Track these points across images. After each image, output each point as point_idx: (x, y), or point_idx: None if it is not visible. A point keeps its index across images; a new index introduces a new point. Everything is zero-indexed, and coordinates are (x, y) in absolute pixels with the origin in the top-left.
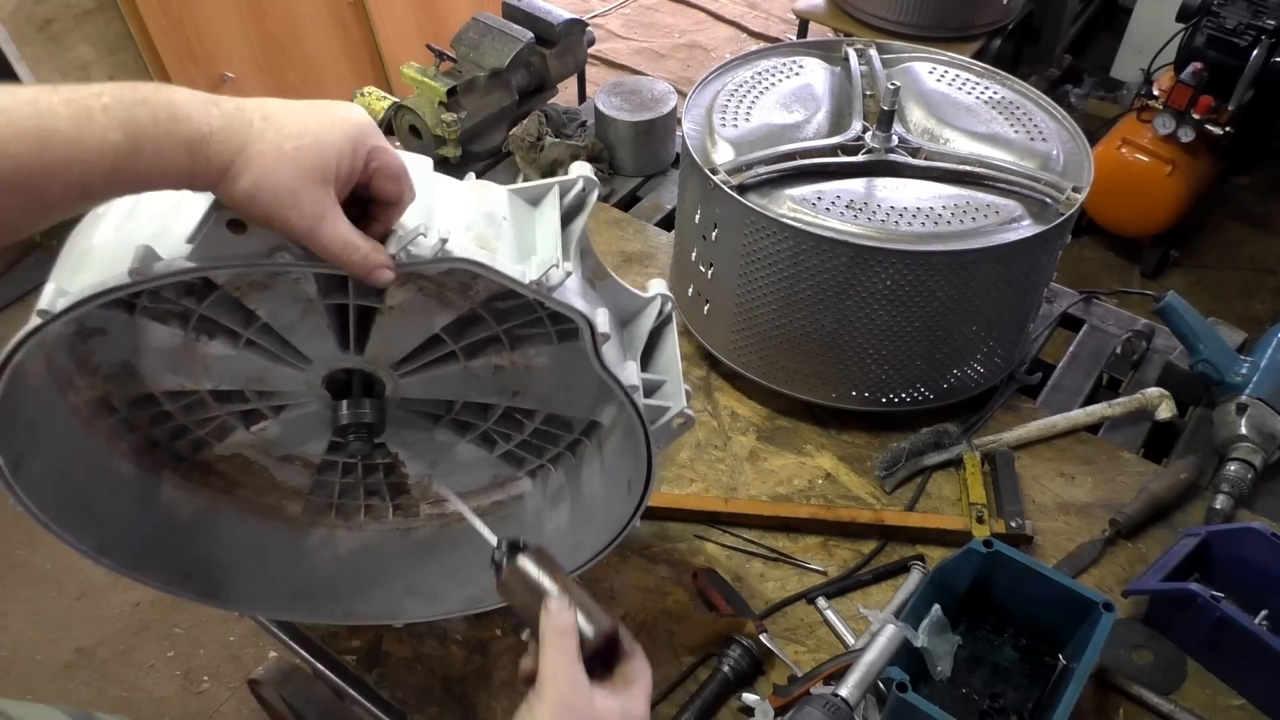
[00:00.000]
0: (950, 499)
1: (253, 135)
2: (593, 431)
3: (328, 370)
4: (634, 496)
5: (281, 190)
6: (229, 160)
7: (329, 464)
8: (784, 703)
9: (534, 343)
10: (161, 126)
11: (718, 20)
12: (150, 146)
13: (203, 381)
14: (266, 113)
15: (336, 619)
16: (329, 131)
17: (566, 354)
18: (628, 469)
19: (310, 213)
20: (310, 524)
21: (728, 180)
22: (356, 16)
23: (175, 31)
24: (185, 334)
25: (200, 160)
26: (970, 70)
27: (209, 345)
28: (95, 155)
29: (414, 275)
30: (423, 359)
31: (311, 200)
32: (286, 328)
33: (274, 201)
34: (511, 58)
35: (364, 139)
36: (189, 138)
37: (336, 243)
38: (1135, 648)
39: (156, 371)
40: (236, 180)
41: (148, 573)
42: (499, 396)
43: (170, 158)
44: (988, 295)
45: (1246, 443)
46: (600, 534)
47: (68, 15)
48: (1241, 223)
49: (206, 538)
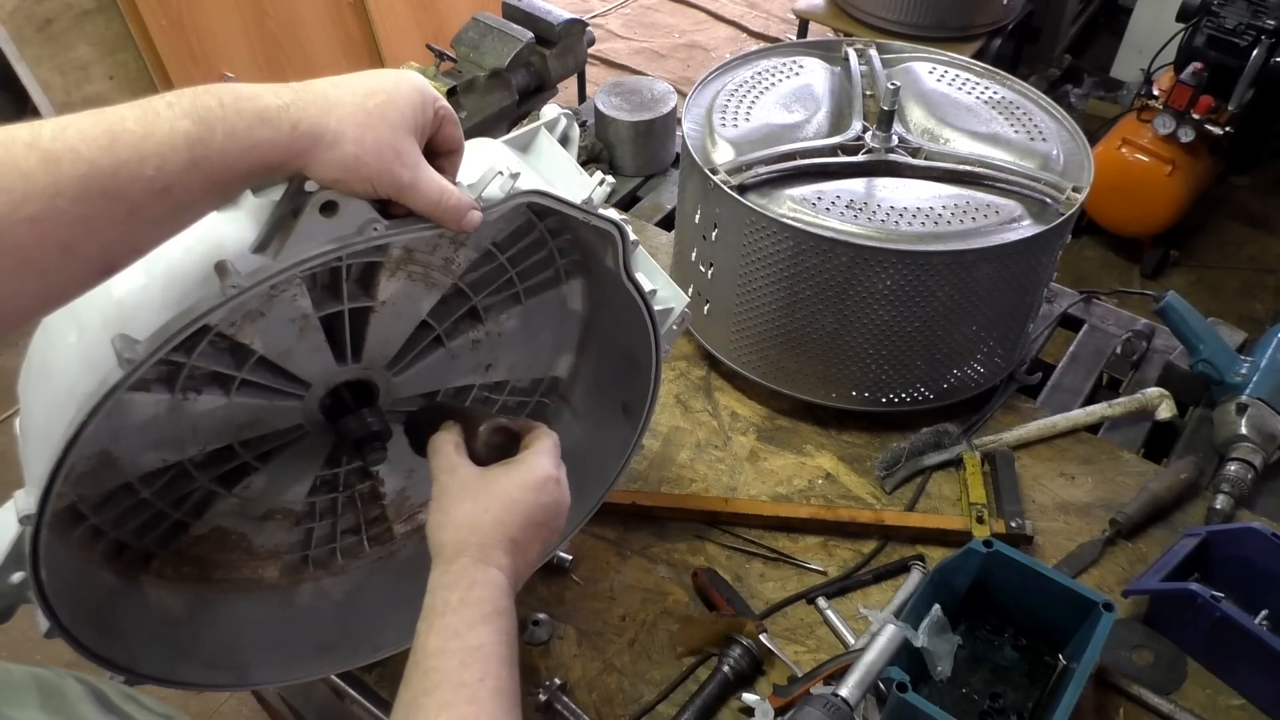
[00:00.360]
0: (950, 499)
1: (331, 101)
2: (553, 389)
3: (326, 390)
4: (634, 418)
5: (384, 144)
6: (318, 128)
7: (309, 511)
8: (784, 703)
9: (503, 307)
10: (229, 108)
11: (718, 20)
12: (222, 129)
13: (187, 448)
14: (332, 82)
15: (369, 658)
16: (397, 87)
17: (532, 310)
18: (618, 395)
19: (411, 162)
20: (293, 584)
21: (728, 180)
22: (356, 16)
23: (175, 31)
24: (172, 396)
25: (284, 131)
26: (970, 70)
27: (197, 402)
28: (169, 147)
29: (404, 261)
30: (412, 350)
31: (410, 150)
32: (283, 354)
33: (379, 157)
34: (511, 58)
35: (427, 90)
36: (261, 112)
37: (434, 190)
38: (1135, 648)
39: (136, 452)
40: (336, 145)
41: (182, 675)
42: (475, 374)
43: (247, 136)
44: (988, 295)
45: (1246, 443)
46: (601, 469)
47: (68, 15)
48: (1241, 223)
49: (209, 626)
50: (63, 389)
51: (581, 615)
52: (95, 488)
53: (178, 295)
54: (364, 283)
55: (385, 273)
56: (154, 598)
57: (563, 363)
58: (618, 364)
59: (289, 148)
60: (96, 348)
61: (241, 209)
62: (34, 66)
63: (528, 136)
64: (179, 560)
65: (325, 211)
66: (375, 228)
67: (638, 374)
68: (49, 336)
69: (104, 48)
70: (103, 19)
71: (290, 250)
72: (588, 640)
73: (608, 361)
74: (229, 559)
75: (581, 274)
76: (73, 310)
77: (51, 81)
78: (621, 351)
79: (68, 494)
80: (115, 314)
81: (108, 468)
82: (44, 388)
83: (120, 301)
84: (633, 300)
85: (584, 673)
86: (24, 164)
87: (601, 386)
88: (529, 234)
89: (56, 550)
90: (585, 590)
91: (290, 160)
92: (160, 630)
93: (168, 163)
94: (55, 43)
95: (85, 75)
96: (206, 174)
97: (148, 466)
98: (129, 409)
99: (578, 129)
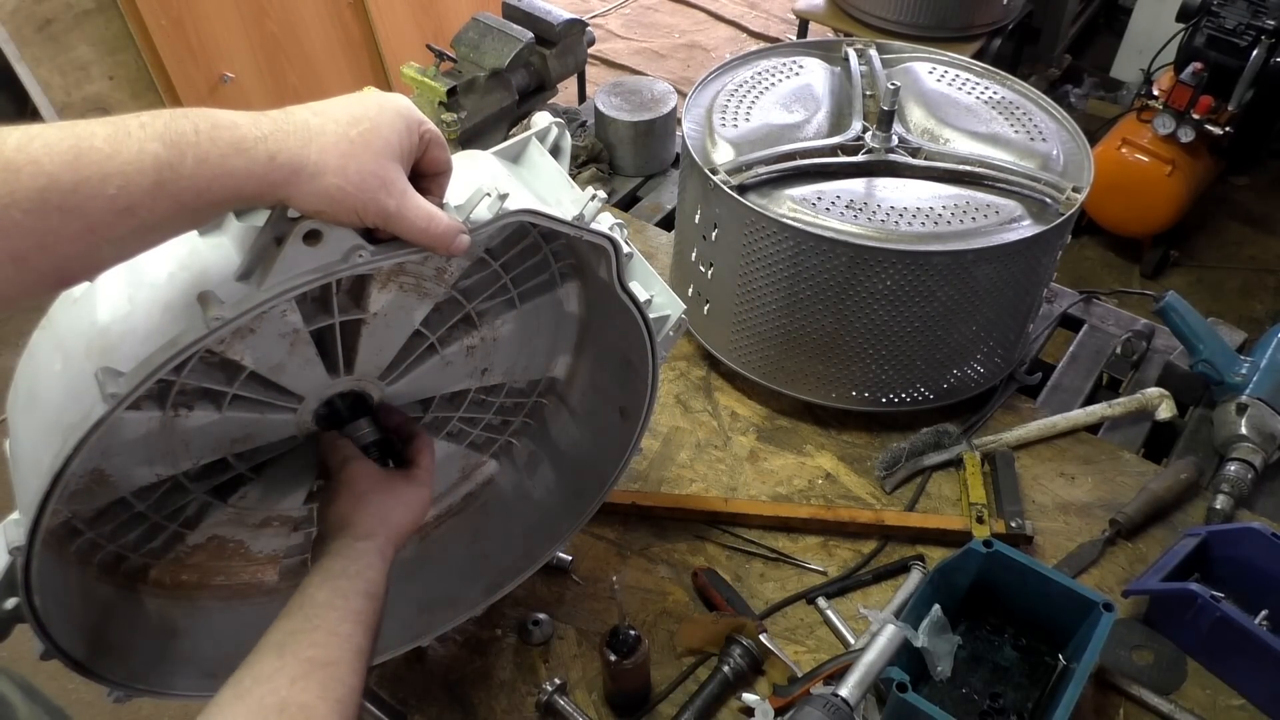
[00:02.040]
0: (950, 499)
1: (313, 131)
2: (550, 389)
3: (319, 402)
4: (632, 422)
5: (368, 173)
6: (298, 160)
7: (307, 516)
8: (784, 703)
9: (498, 312)
10: (204, 135)
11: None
12: (193, 155)
13: (181, 463)
14: (314, 110)
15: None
16: (381, 113)
17: (527, 315)
18: (615, 399)
19: (397, 191)
20: (293, 587)
21: (728, 180)
22: (356, 16)
23: (175, 31)
24: (163, 413)
25: (260, 162)
26: (970, 70)
27: (189, 418)
28: (135, 168)
29: (396, 273)
30: (406, 359)
31: (396, 178)
32: (275, 369)
33: (363, 187)
34: (511, 58)
35: (412, 114)
36: (237, 142)
37: (422, 217)
38: (1135, 648)
39: (129, 468)
40: (318, 176)
41: (180, 687)
42: (470, 379)
43: (219, 165)
44: (988, 295)
45: (1246, 443)
46: (600, 470)
47: (68, 15)
48: (1241, 223)
49: (207, 635)
50: (49, 418)
51: (581, 615)
52: (89, 504)
53: (161, 323)
54: (355, 295)
55: (376, 285)
56: (152, 608)
57: (560, 363)
58: (614, 369)
59: (265, 178)
60: (81, 377)
61: (226, 234)
62: (34, 66)
63: (518, 147)
64: (177, 569)
65: (309, 240)
66: (361, 254)
67: (634, 379)
68: (34, 361)
69: (104, 48)
70: (103, 19)
71: (275, 279)
72: (588, 640)
73: (604, 366)
74: (228, 565)
75: (578, 277)
76: (57, 337)
77: (51, 81)
78: (618, 357)
79: (62, 510)
80: (99, 343)
81: (101, 485)
82: (30, 415)
83: (104, 330)
84: (628, 308)
85: (584, 673)
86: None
87: (598, 389)
88: (523, 240)
89: (53, 567)
90: (585, 590)
91: (268, 190)
92: (158, 642)
93: (132, 183)
94: (55, 43)
95: (85, 75)
96: (174, 198)
97: (141, 481)
98: (120, 427)
99: (569, 139)
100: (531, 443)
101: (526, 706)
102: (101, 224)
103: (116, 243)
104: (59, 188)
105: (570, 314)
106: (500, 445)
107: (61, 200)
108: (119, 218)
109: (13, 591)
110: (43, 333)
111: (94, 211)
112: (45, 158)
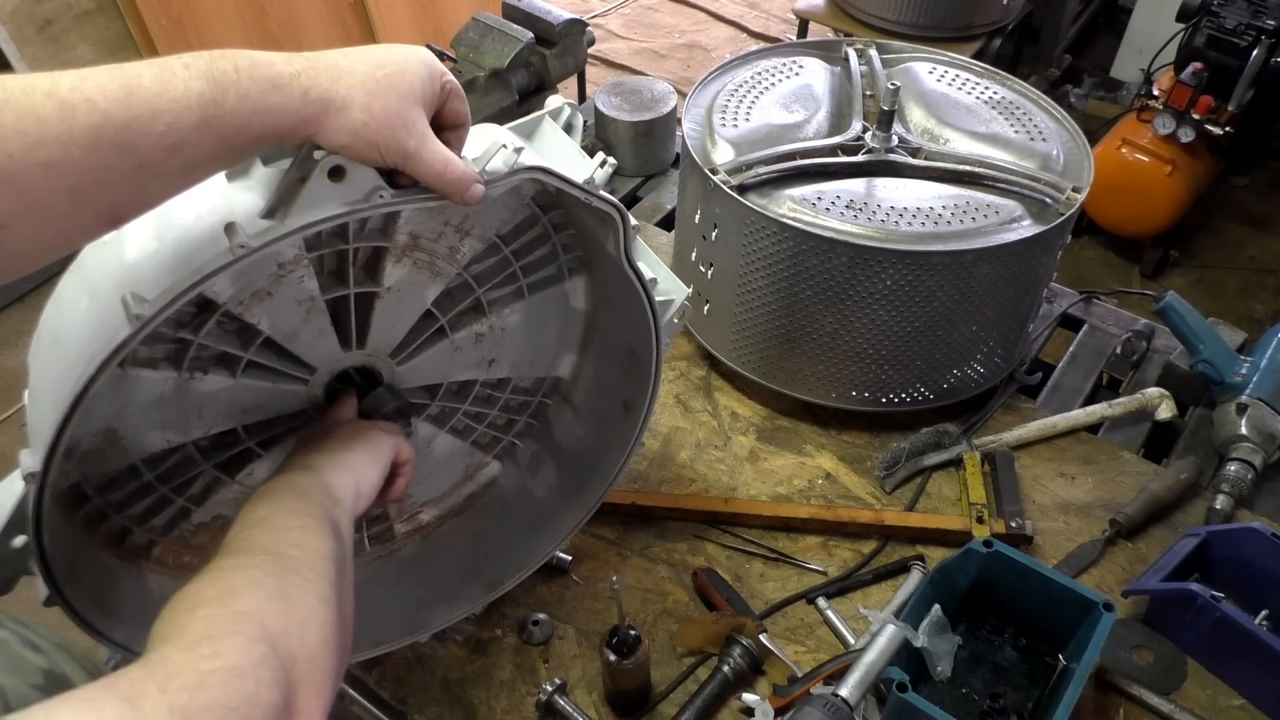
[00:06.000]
0: (950, 499)
1: (342, 69)
2: (555, 389)
3: (330, 375)
4: (635, 414)
5: (391, 112)
6: (328, 95)
7: None
8: (784, 703)
9: (506, 302)
10: (243, 72)
11: (718, 20)
12: (235, 91)
13: (193, 430)
14: (342, 52)
15: (368, 653)
16: (406, 59)
17: (535, 306)
18: (619, 392)
19: (417, 132)
20: None
21: (728, 180)
22: (356, 16)
23: (175, 31)
24: (178, 375)
25: (295, 97)
26: (970, 70)
27: (203, 382)
28: (182, 105)
29: (410, 248)
30: (416, 340)
31: (417, 120)
32: (289, 336)
33: (387, 124)
34: (511, 58)
35: (435, 64)
36: (274, 79)
37: (439, 160)
38: (1135, 648)
39: (141, 431)
40: (344, 111)
41: None
42: (477, 369)
43: (259, 100)
44: (988, 295)
45: (1246, 443)
46: (601, 468)
47: (68, 15)
48: (1241, 223)
49: None
50: (73, 352)
51: (581, 615)
52: (100, 467)
53: (187, 258)
54: (370, 269)
55: (391, 258)
56: (154, 585)
57: (565, 362)
58: (619, 360)
59: (299, 113)
60: (108, 311)
61: (253, 179)
62: (34, 67)
63: (532, 124)
64: (181, 549)
65: (333, 176)
66: (381, 195)
67: (639, 369)
68: (59, 305)
69: (104, 48)
70: (103, 19)
71: (298, 214)
72: (588, 640)
73: (609, 359)
74: None
75: (585, 271)
76: (84, 277)
77: None
78: (623, 347)
79: (73, 472)
80: (127, 277)
81: (113, 447)
82: (54, 354)
83: (132, 265)
84: (634, 293)
85: (584, 673)
86: (41, 110)
87: (603, 385)
88: (532, 227)
89: (60, 526)
90: (585, 590)
91: (300, 125)
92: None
93: (180, 120)
94: (55, 43)
95: None
96: (217, 134)
97: (152, 448)
98: (136, 385)
99: (580, 118)
100: (535, 443)
101: (526, 706)
102: (152, 160)
103: (164, 179)
104: (113, 125)
105: (577, 310)
106: (504, 446)
107: (116, 137)
108: (168, 154)
109: (21, 529)
110: (70, 276)
111: (145, 148)
112: (99, 96)
